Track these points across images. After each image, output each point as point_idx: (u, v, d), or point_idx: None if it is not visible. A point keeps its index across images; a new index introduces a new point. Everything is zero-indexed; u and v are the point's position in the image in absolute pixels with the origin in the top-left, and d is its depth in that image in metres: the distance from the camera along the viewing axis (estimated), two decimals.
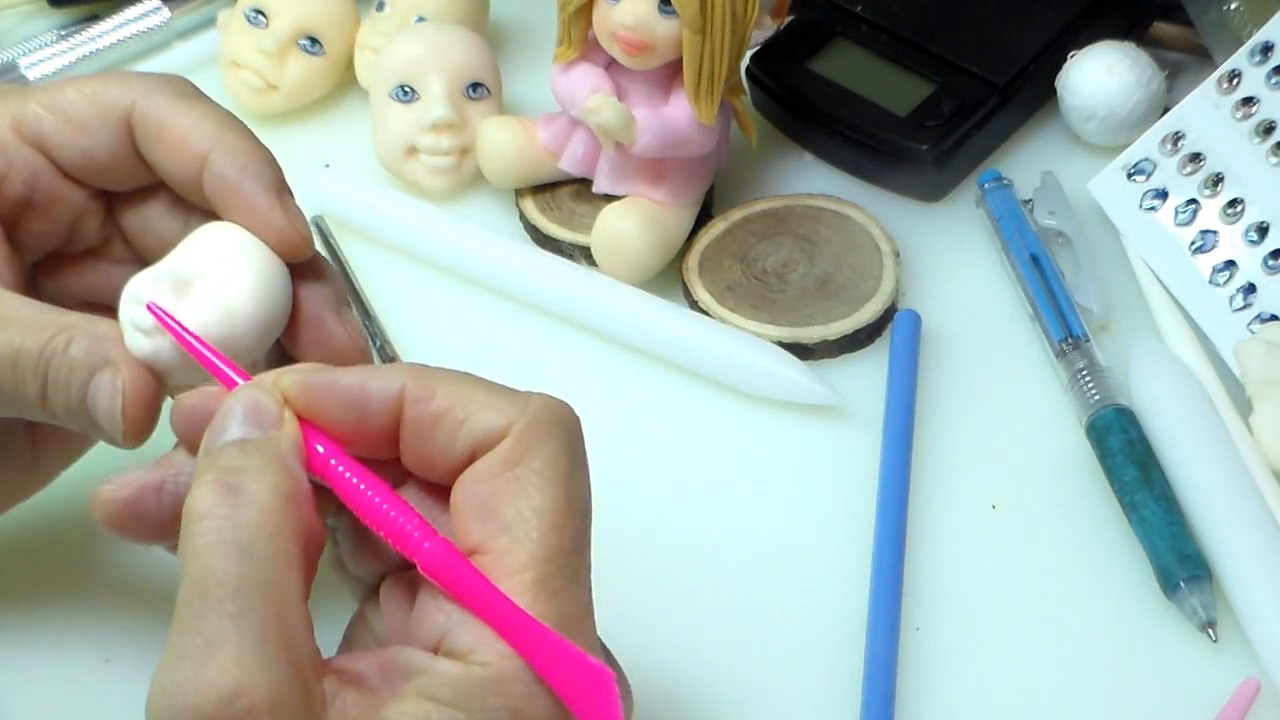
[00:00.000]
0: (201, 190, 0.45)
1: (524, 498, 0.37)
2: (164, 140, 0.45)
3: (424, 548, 0.37)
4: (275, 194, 0.44)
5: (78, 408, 0.43)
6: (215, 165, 0.44)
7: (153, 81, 0.46)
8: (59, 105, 0.46)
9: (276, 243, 0.44)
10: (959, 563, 0.53)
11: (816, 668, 0.50)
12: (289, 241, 0.44)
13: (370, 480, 0.39)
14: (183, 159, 0.45)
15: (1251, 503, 0.52)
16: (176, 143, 0.45)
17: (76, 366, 0.42)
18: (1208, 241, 0.59)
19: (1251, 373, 0.54)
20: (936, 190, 0.64)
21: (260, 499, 0.37)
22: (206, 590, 0.36)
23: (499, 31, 0.72)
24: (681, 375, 0.59)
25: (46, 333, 0.43)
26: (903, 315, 0.59)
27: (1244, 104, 0.60)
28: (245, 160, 0.44)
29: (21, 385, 0.43)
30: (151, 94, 0.45)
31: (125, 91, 0.46)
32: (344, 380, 0.40)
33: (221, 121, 0.45)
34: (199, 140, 0.45)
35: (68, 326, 0.43)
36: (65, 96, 0.46)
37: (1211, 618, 0.49)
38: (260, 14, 0.68)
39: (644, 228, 0.59)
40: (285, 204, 0.45)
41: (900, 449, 0.55)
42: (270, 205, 0.44)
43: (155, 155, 0.45)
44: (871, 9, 0.66)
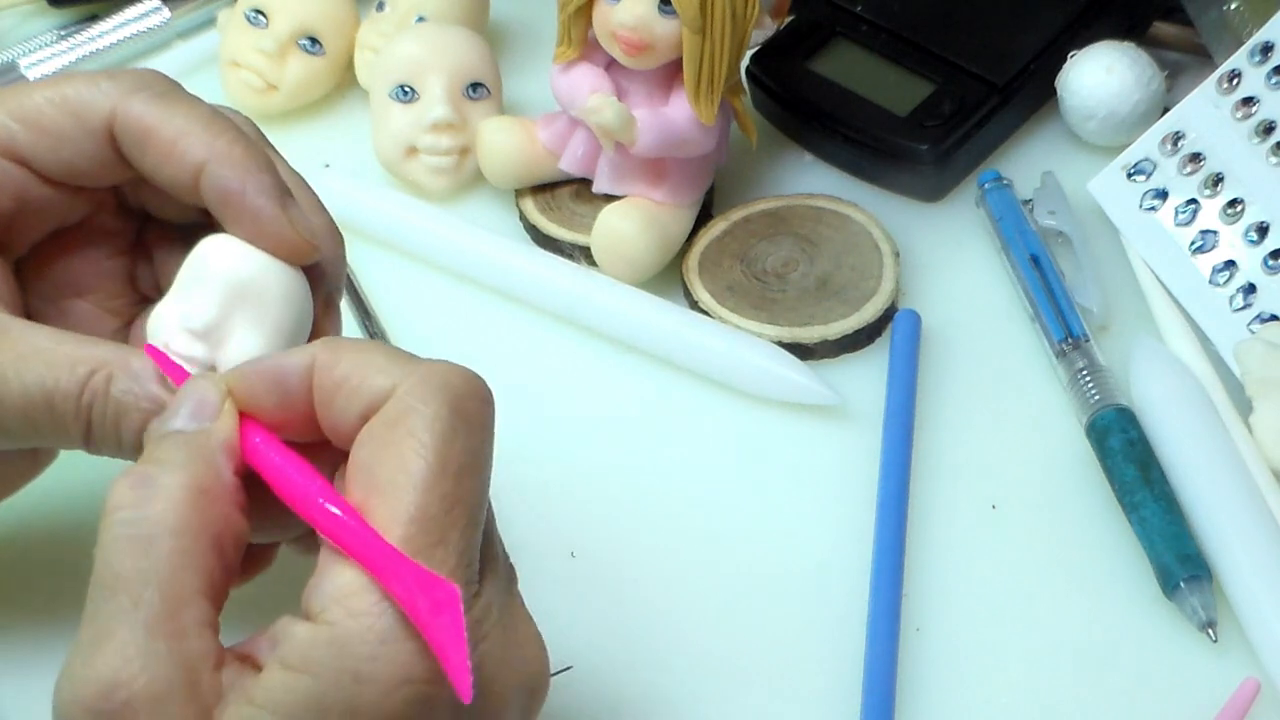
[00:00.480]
0: (195, 194, 0.44)
1: (397, 459, 0.37)
2: (153, 148, 0.44)
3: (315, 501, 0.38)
4: (278, 203, 0.43)
5: (130, 448, 0.42)
6: (213, 178, 0.43)
7: (127, 82, 0.44)
8: (30, 116, 0.44)
9: (286, 254, 0.43)
10: (959, 563, 0.53)
11: (816, 668, 0.50)
12: (298, 251, 0.43)
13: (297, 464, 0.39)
14: (175, 168, 0.44)
15: (1251, 503, 0.52)
16: (166, 151, 0.44)
17: (125, 410, 0.42)
18: (1208, 241, 0.59)
19: (1251, 373, 0.54)
20: (936, 190, 0.64)
21: (169, 492, 0.37)
22: (104, 582, 0.36)
23: (499, 31, 0.72)
24: (681, 375, 0.59)
25: (80, 370, 0.42)
26: (903, 315, 0.59)
27: (1244, 104, 0.60)
28: (243, 169, 0.43)
29: (60, 426, 0.42)
30: (130, 98, 0.44)
31: (101, 97, 0.44)
32: (266, 360, 0.40)
33: (210, 123, 0.44)
34: (191, 148, 0.43)
35: (102, 363, 0.42)
36: (34, 104, 0.44)
37: (1211, 618, 0.49)
38: (260, 14, 0.68)
39: (644, 228, 0.59)
40: (290, 212, 0.43)
41: (900, 449, 0.55)
42: (275, 216, 0.43)
43: (144, 163, 0.44)
44: (871, 9, 0.66)
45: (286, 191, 0.44)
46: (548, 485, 0.55)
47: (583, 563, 0.53)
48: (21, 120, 0.44)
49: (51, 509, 0.53)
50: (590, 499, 0.55)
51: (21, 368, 0.42)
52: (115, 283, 0.49)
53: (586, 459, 0.57)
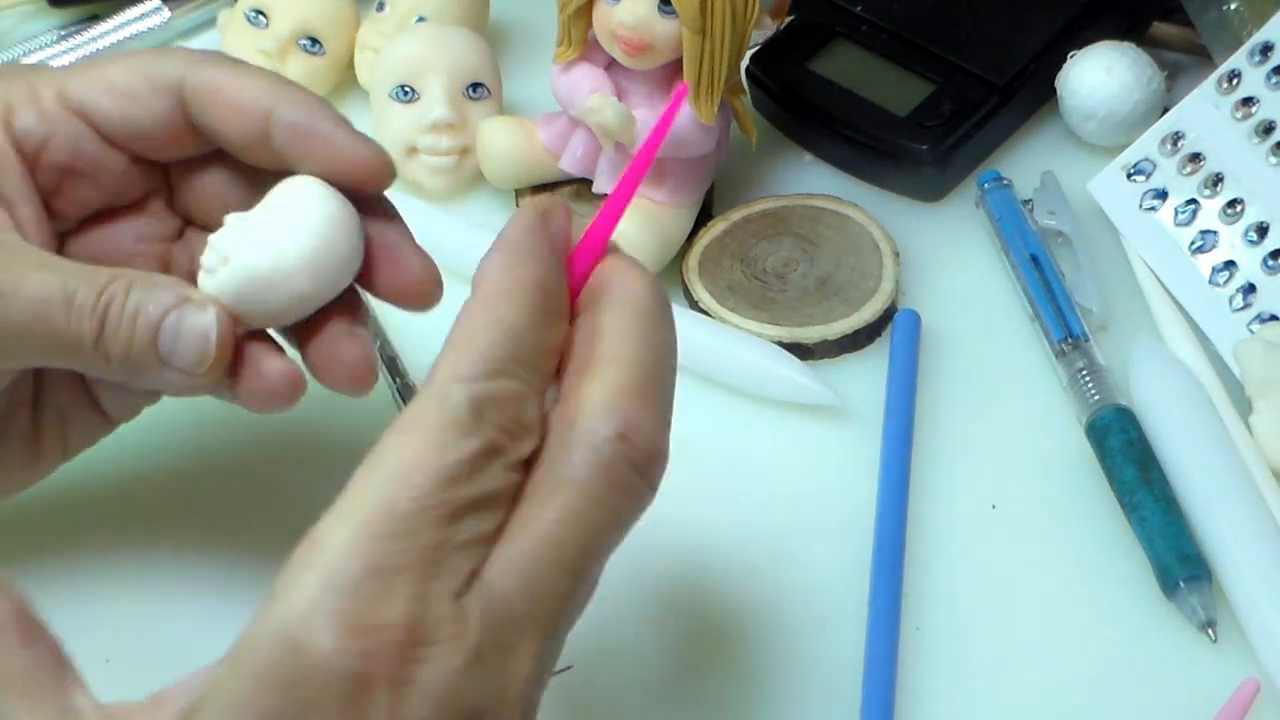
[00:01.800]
0: (264, 149, 0.45)
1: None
2: (221, 104, 0.45)
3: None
4: (348, 129, 0.45)
5: (143, 347, 0.43)
6: (282, 116, 0.45)
7: (198, 54, 0.47)
8: (106, 77, 0.46)
9: (363, 171, 0.45)
10: (959, 563, 0.53)
11: (816, 668, 0.50)
12: (376, 167, 0.45)
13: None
14: (243, 120, 0.45)
15: (1251, 503, 0.52)
16: (235, 105, 0.45)
17: (143, 306, 0.43)
18: (1207, 241, 0.59)
19: (1251, 373, 0.54)
20: (936, 190, 0.64)
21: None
22: None
23: (499, 31, 0.72)
24: (681, 375, 0.58)
25: (101, 277, 0.43)
26: (903, 315, 0.59)
27: (1244, 104, 0.60)
28: (310, 106, 0.45)
29: (75, 326, 0.43)
30: (200, 65, 0.46)
31: (173, 65, 0.46)
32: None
33: (274, 79, 0.46)
34: (258, 98, 0.45)
35: (122, 273, 0.43)
36: (112, 70, 0.46)
37: (1211, 618, 0.49)
38: (260, 14, 0.68)
39: (644, 228, 0.59)
40: (360, 137, 0.45)
41: (900, 449, 0.55)
42: (349, 137, 0.45)
43: (212, 121, 0.46)
44: (871, 9, 0.66)
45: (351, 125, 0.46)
46: None
47: None
48: (98, 80, 0.46)
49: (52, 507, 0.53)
50: None
51: (46, 271, 0.43)
52: (149, 264, 0.50)
53: None
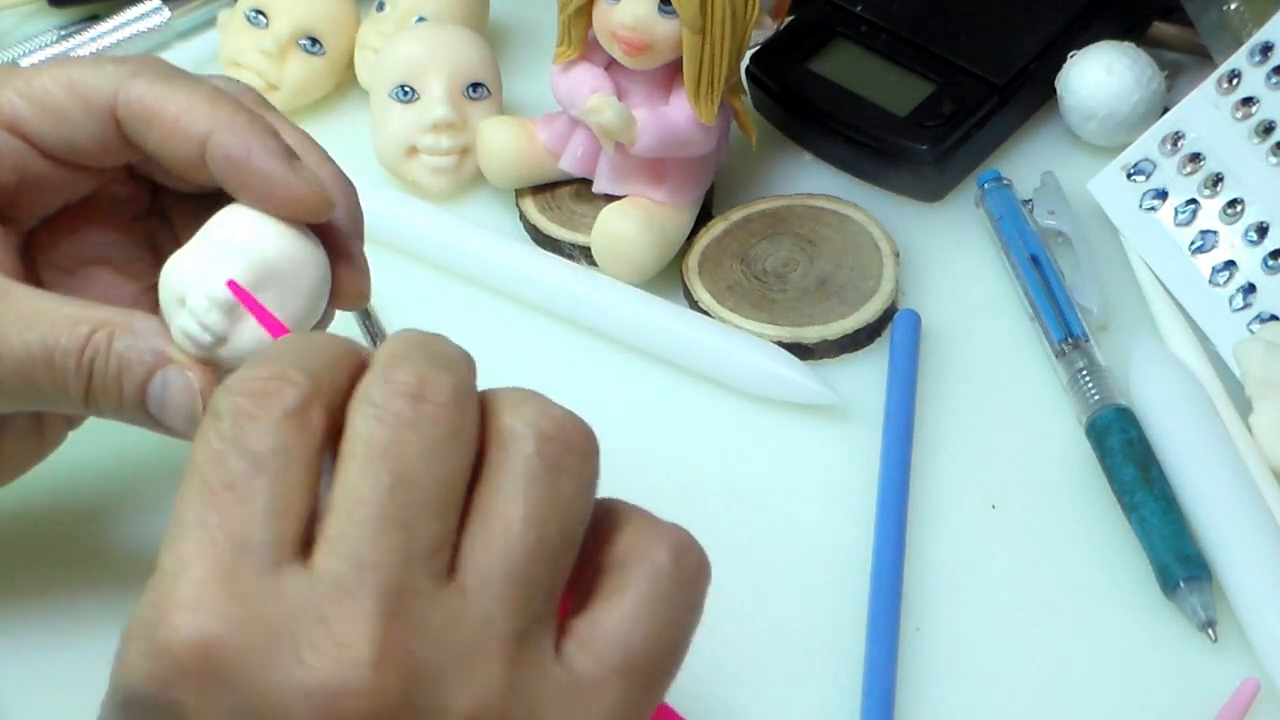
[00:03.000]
0: (203, 171, 0.44)
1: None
2: (157, 127, 0.44)
3: None
4: (285, 162, 0.43)
5: (132, 405, 0.42)
6: (218, 146, 0.43)
7: (130, 65, 0.45)
8: (36, 94, 0.45)
9: (299, 212, 0.43)
10: (959, 563, 0.53)
11: (816, 668, 0.50)
12: (311, 206, 0.43)
13: None
14: (180, 144, 0.44)
15: (1251, 503, 0.52)
16: (170, 128, 0.44)
17: (128, 365, 0.42)
18: (1207, 241, 0.59)
19: (1251, 373, 0.54)
20: (936, 190, 0.64)
21: None
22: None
23: (499, 31, 0.72)
24: (681, 375, 0.59)
25: (82, 328, 0.42)
26: (903, 315, 0.59)
27: (1244, 104, 0.60)
28: (246, 136, 0.43)
29: (60, 384, 0.42)
30: (133, 80, 0.44)
31: (105, 79, 0.45)
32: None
33: (212, 98, 0.44)
34: (194, 122, 0.44)
35: (103, 322, 0.42)
36: (41, 85, 0.45)
37: (1211, 618, 0.49)
38: (260, 14, 0.68)
39: (644, 228, 0.59)
40: (297, 170, 0.43)
41: (900, 449, 0.55)
42: (284, 175, 0.43)
43: (149, 143, 0.45)
44: (871, 9, 0.66)
45: (292, 153, 0.44)
46: None
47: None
48: (27, 97, 0.45)
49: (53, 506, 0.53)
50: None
51: (23, 327, 0.42)
52: (133, 248, 0.49)
53: None
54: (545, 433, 0.36)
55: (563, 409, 0.37)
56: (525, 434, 0.36)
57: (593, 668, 0.35)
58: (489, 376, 0.56)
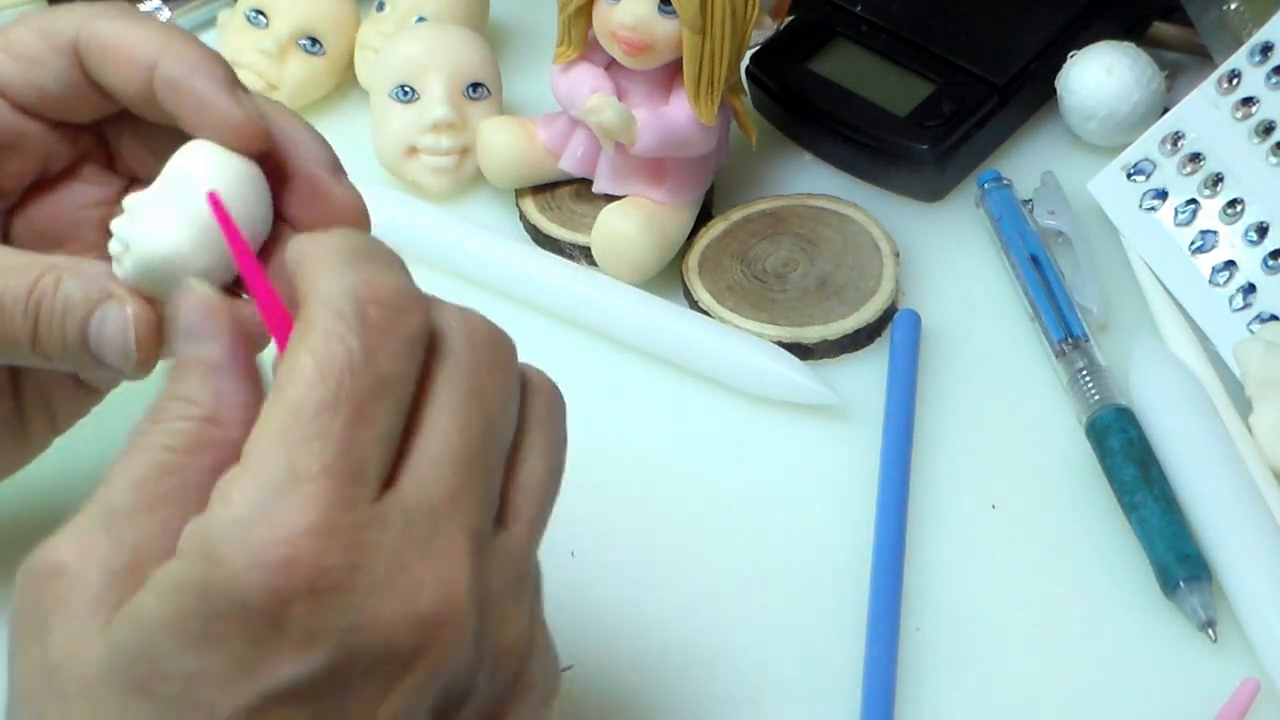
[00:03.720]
0: (154, 103, 0.44)
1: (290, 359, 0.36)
2: (110, 59, 0.44)
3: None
4: (226, 88, 0.43)
5: (76, 345, 0.42)
6: (163, 70, 0.43)
7: (96, 7, 0.46)
8: (7, 44, 0.46)
9: (233, 138, 0.43)
10: (959, 563, 0.53)
11: (816, 667, 0.50)
12: (245, 134, 0.43)
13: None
14: (130, 72, 0.44)
15: (1251, 503, 0.52)
16: (123, 58, 0.44)
17: (72, 305, 0.42)
18: (1207, 241, 0.59)
19: (1251, 373, 0.54)
20: (936, 190, 0.64)
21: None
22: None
23: (499, 31, 0.72)
24: (681, 375, 0.59)
25: (32, 273, 0.42)
26: (903, 315, 0.59)
27: (1244, 104, 0.60)
28: (192, 61, 0.44)
29: (9, 327, 0.42)
30: (95, 18, 0.45)
31: (68, 22, 0.45)
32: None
33: (165, 31, 0.45)
34: (144, 52, 0.44)
35: (52, 266, 0.43)
36: (15, 34, 0.46)
37: (1211, 618, 0.49)
38: (260, 14, 0.68)
39: (644, 228, 0.60)
40: (237, 97, 0.43)
41: (900, 449, 0.55)
42: (222, 100, 0.43)
43: (104, 75, 0.45)
44: (871, 9, 0.67)
45: (238, 85, 0.44)
46: None
47: (583, 562, 0.53)
48: (4, 49, 0.46)
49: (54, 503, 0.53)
50: (590, 499, 0.55)
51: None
52: (98, 231, 0.49)
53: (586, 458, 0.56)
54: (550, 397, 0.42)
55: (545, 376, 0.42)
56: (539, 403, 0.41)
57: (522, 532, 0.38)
58: None
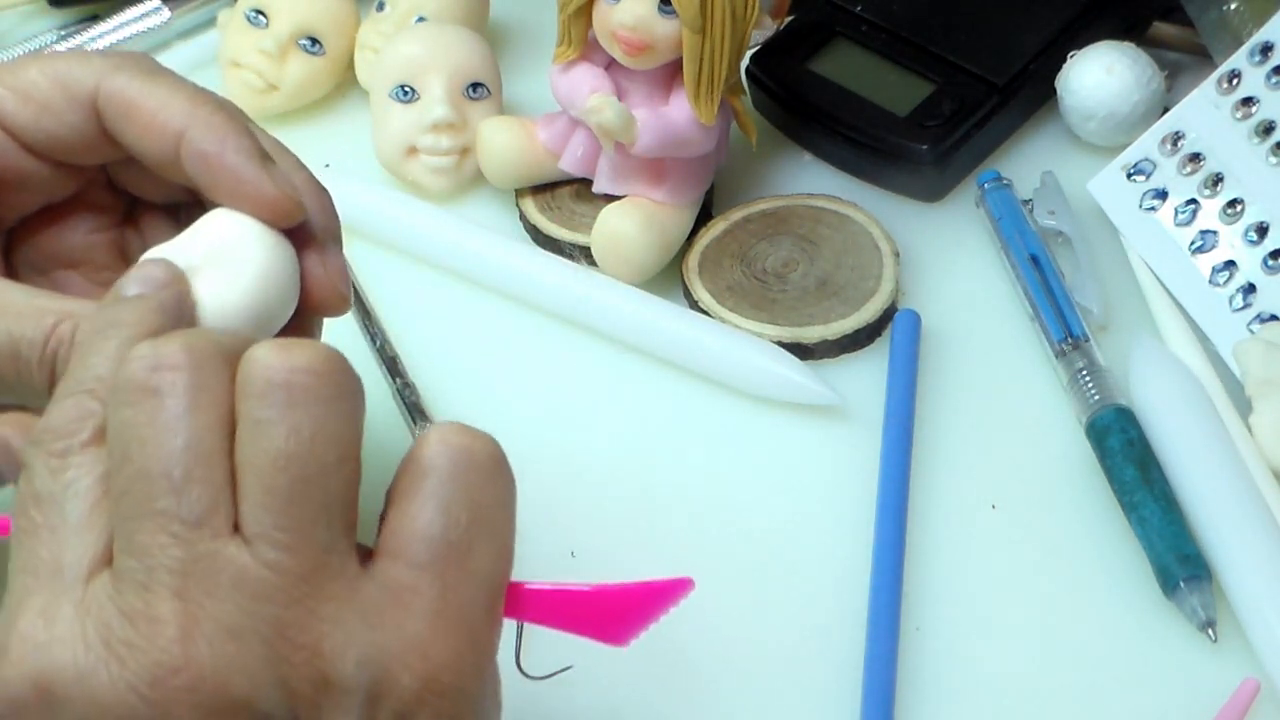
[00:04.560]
0: (178, 168, 0.44)
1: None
2: (135, 121, 0.44)
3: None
4: (257, 162, 0.44)
5: None
6: (192, 142, 0.44)
7: (115, 60, 0.46)
8: (21, 85, 0.45)
9: (267, 213, 0.43)
10: (959, 563, 0.53)
11: (817, 667, 0.50)
12: (279, 208, 0.43)
13: None
14: (157, 139, 0.44)
15: (1251, 503, 0.52)
16: (148, 122, 0.44)
17: None
18: (1207, 241, 0.59)
19: (1251, 373, 0.54)
20: (936, 190, 0.64)
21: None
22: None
23: (499, 31, 0.72)
24: (681, 375, 0.59)
25: (47, 320, 0.42)
26: (903, 315, 0.59)
27: (1244, 104, 0.60)
28: (222, 133, 0.44)
29: (25, 375, 0.42)
30: (115, 73, 0.45)
31: (89, 72, 0.45)
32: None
33: (192, 96, 0.45)
34: (171, 118, 0.44)
35: (68, 314, 0.42)
36: (28, 76, 0.45)
37: (1211, 618, 0.49)
38: (260, 14, 0.68)
39: (644, 228, 0.60)
40: (269, 171, 0.44)
41: (900, 449, 0.55)
42: (255, 175, 0.43)
43: (127, 136, 0.45)
44: (871, 9, 0.66)
45: (266, 156, 0.44)
46: (548, 485, 0.55)
47: (583, 563, 0.53)
48: (13, 89, 0.45)
49: None
50: (590, 499, 0.55)
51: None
52: (105, 254, 0.49)
53: (586, 459, 0.57)
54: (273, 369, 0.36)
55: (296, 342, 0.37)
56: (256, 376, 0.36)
57: (404, 572, 0.36)
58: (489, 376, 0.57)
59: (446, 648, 0.36)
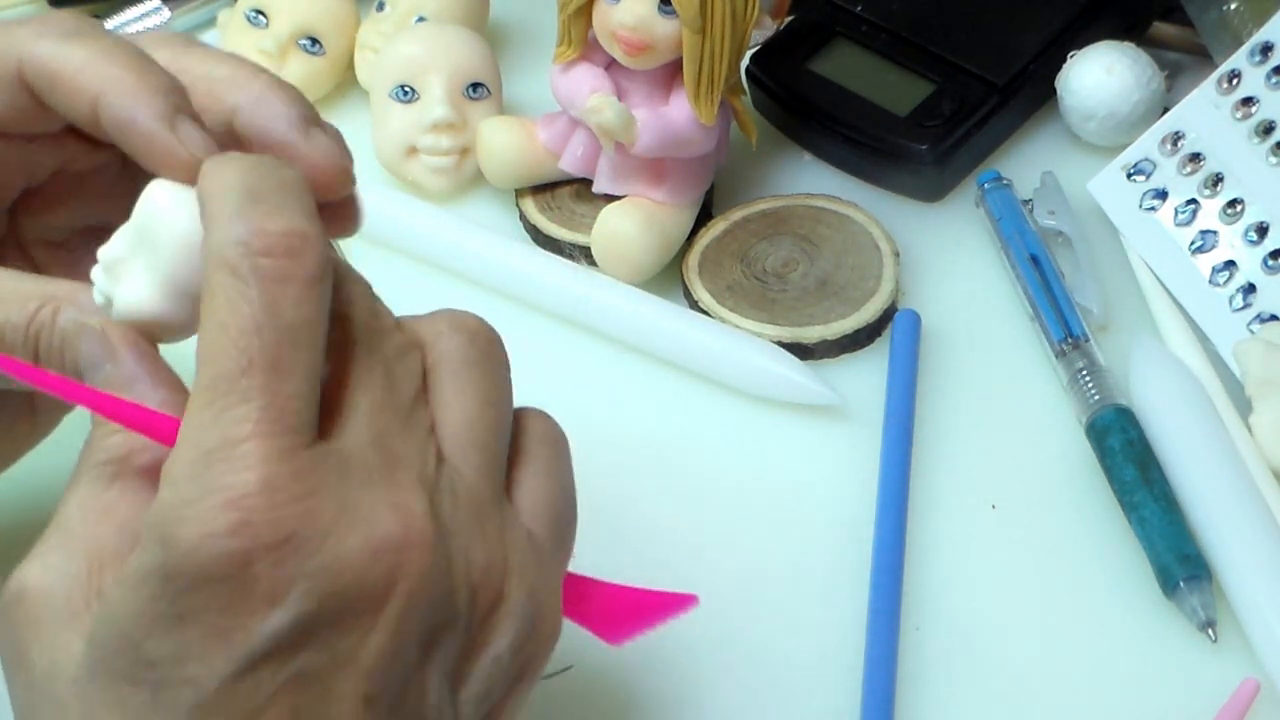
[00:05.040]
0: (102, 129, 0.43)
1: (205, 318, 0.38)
2: (58, 89, 0.43)
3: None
4: (164, 122, 0.41)
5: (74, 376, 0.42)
6: (106, 108, 0.42)
7: (36, 25, 0.44)
8: None
9: (184, 176, 0.41)
10: (959, 563, 0.53)
11: (817, 667, 0.50)
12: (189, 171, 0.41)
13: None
14: (79, 105, 0.42)
15: (1251, 503, 0.52)
16: (69, 88, 0.42)
17: (69, 339, 0.42)
18: (1207, 241, 0.59)
19: (1251, 373, 0.54)
20: (936, 190, 0.64)
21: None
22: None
23: (499, 31, 0.72)
24: (681, 375, 0.59)
25: (30, 304, 0.42)
26: (903, 315, 0.59)
27: (1244, 104, 0.60)
28: (133, 92, 0.42)
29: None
30: (37, 40, 0.43)
31: (10, 43, 0.43)
32: None
33: (106, 54, 0.42)
34: (88, 81, 0.42)
35: (50, 297, 0.42)
36: None
37: (1211, 618, 0.49)
38: (260, 14, 0.68)
39: (644, 228, 0.60)
40: (180, 131, 0.41)
41: (900, 449, 0.55)
42: (164, 137, 0.41)
43: (56, 104, 0.43)
44: (871, 9, 0.66)
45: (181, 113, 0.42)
46: None
47: (581, 562, 0.53)
48: None
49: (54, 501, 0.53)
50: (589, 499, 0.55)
51: None
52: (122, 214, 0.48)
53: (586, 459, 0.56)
54: (470, 329, 0.42)
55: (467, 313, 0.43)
56: (454, 333, 0.42)
57: (541, 533, 0.40)
58: None
59: (557, 609, 0.41)
